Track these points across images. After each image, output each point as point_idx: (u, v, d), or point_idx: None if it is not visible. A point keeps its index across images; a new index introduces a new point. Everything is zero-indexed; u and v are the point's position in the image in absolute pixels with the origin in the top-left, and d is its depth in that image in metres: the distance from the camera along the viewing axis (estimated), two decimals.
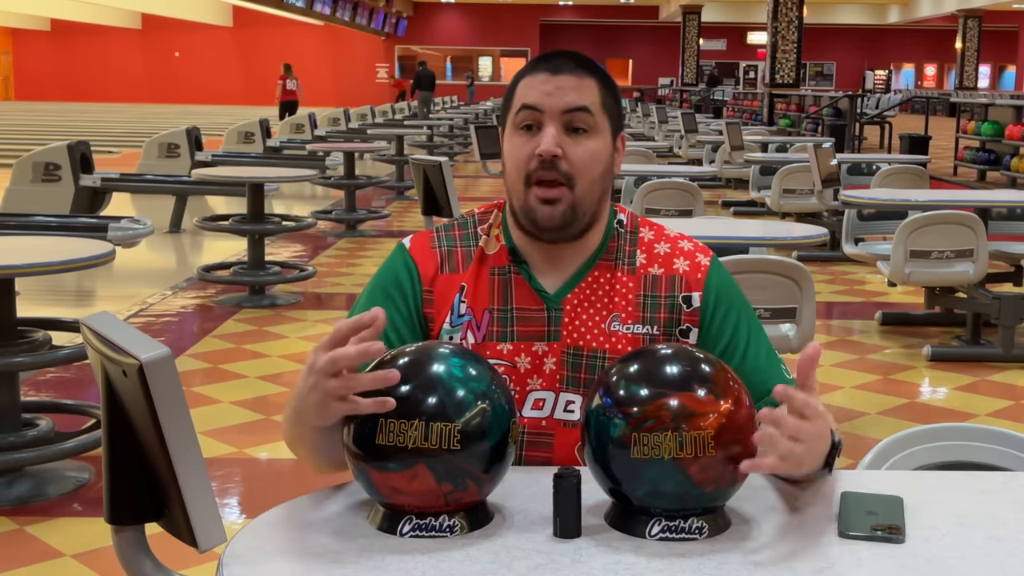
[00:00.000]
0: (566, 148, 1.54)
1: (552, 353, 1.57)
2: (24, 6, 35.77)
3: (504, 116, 1.62)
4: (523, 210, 1.57)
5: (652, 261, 1.61)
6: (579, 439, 1.54)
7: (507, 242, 1.62)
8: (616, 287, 1.60)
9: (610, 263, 1.61)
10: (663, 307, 1.59)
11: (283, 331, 5.78)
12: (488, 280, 1.60)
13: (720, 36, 40.12)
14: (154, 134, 12.53)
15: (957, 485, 1.48)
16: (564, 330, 1.58)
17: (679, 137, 13.23)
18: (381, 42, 40.60)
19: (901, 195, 6.19)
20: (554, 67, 1.56)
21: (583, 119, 1.55)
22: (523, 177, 1.55)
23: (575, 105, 1.55)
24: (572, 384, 1.57)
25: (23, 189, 8.69)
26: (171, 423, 1.20)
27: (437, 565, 1.20)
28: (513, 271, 1.60)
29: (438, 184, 5.60)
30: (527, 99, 1.56)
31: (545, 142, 1.53)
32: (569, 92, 1.55)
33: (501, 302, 1.59)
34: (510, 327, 1.58)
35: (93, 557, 3.06)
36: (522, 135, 1.56)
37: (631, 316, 1.58)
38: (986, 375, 5.11)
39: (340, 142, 13.15)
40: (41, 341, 3.71)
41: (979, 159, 13.88)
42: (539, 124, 1.55)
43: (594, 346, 1.57)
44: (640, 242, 1.63)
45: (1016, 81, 36.41)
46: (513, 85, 1.61)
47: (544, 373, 1.57)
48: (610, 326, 1.58)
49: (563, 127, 1.55)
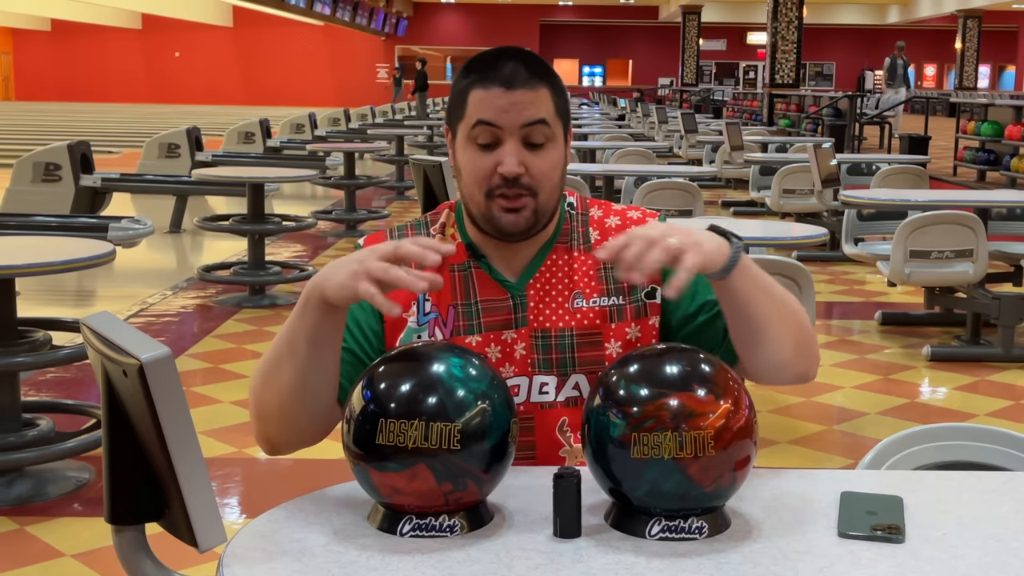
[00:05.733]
0: (527, 163, 1.55)
1: (521, 339, 1.60)
2: (24, 6, 35.78)
3: (454, 122, 1.60)
4: (484, 218, 1.58)
5: (605, 235, 1.65)
6: (557, 419, 1.59)
7: (463, 239, 1.64)
8: (575, 266, 1.63)
9: (566, 245, 1.64)
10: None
11: None
12: (449, 277, 1.61)
13: (720, 36, 40.12)
14: (154, 134, 12.53)
15: (957, 485, 1.48)
16: (530, 315, 1.61)
17: (679, 137, 13.22)
18: (381, 42, 40.61)
19: (901, 195, 6.19)
20: (506, 80, 1.54)
21: (541, 131, 1.56)
22: (484, 190, 1.56)
23: (533, 119, 1.55)
24: (544, 367, 1.60)
25: (23, 189, 8.69)
26: (171, 423, 1.20)
27: (437, 565, 1.20)
28: (473, 265, 1.62)
29: (438, 184, 5.60)
30: (483, 115, 1.55)
31: (508, 163, 1.54)
32: (527, 107, 1.55)
33: (464, 297, 1.61)
34: (476, 319, 1.60)
35: (93, 557, 3.06)
36: (479, 150, 1.56)
37: (595, 290, 1.62)
38: (986, 375, 5.11)
39: (340, 142, 13.15)
40: (41, 341, 3.71)
41: (979, 159, 13.88)
42: (496, 140, 1.55)
43: (560, 326, 1.60)
44: (591, 220, 1.67)
45: (1016, 81, 36.42)
46: (462, 93, 1.58)
47: (515, 360, 1.60)
48: (573, 304, 1.61)
49: (521, 140, 1.55)
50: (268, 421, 1.51)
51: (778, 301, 1.53)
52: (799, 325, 1.55)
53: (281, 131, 15.06)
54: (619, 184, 7.76)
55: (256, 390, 1.51)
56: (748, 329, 1.52)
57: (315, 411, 1.49)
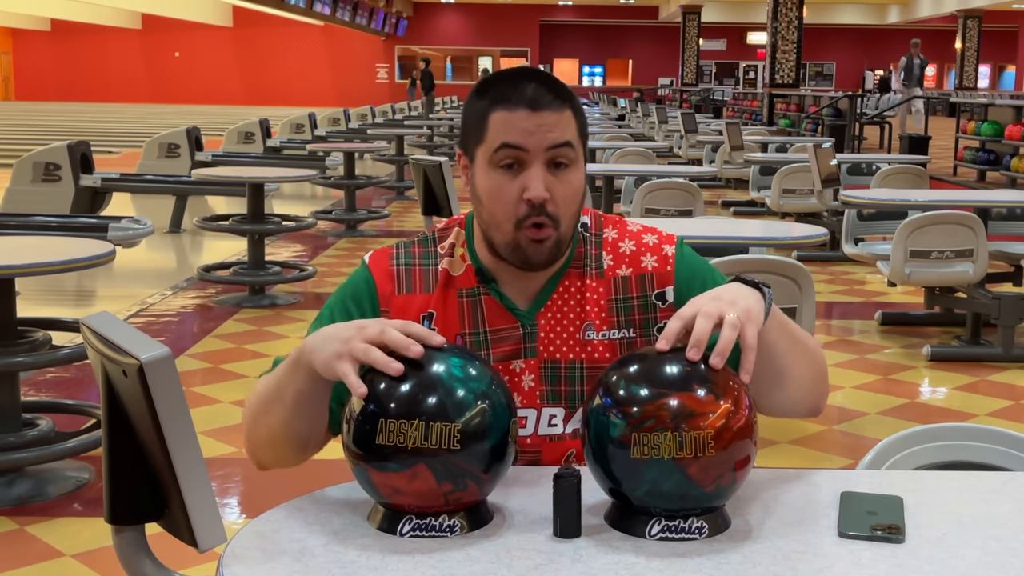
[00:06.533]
0: (552, 189, 1.51)
1: (529, 370, 1.57)
2: (24, 6, 35.77)
3: (472, 146, 1.56)
4: (510, 247, 1.53)
5: (619, 262, 1.60)
6: (566, 451, 1.57)
7: (473, 262, 1.60)
8: (587, 295, 1.59)
9: (579, 270, 1.60)
10: (636, 308, 1.59)
11: (283, 331, 5.78)
12: (457, 304, 1.58)
13: (720, 36, 40.12)
14: (154, 134, 12.53)
15: (957, 485, 1.48)
16: (540, 345, 1.57)
17: (679, 137, 13.22)
18: (381, 42, 40.60)
19: (901, 195, 6.19)
20: (531, 101, 1.51)
21: (566, 154, 1.53)
22: (514, 220, 1.52)
23: (559, 142, 1.52)
24: (552, 399, 1.57)
25: (23, 189, 8.69)
26: (171, 423, 1.20)
27: (437, 565, 1.20)
28: (482, 291, 1.58)
29: (438, 184, 5.60)
30: (508, 138, 1.51)
31: (534, 188, 1.50)
32: (552, 129, 1.51)
33: (472, 326, 1.57)
34: (484, 349, 1.56)
35: (93, 557, 3.06)
36: (503, 173, 1.52)
37: (605, 322, 1.58)
38: (986, 375, 5.11)
39: (340, 142, 13.16)
40: (41, 341, 3.71)
41: (979, 159, 13.88)
42: (521, 163, 1.52)
43: (571, 357, 1.57)
44: (605, 243, 1.62)
45: (1016, 81, 36.40)
46: (482, 115, 1.53)
47: (523, 391, 1.56)
48: (584, 335, 1.57)
49: (546, 163, 1.52)
50: (259, 449, 1.54)
51: (800, 345, 1.53)
52: (816, 364, 1.55)
53: (281, 131, 15.06)
54: (619, 184, 7.76)
55: (248, 423, 1.53)
56: (772, 374, 1.50)
57: (304, 447, 1.51)
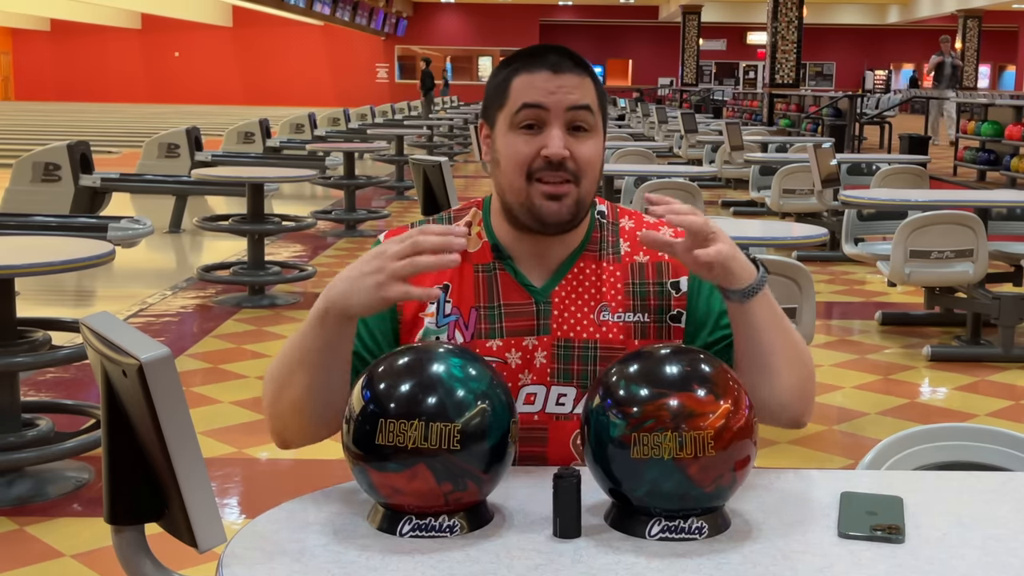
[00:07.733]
0: (571, 148, 1.54)
1: (542, 347, 1.58)
2: (24, 6, 35.75)
3: (493, 112, 1.59)
4: (524, 206, 1.55)
5: (637, 249, 1.63)
6: (572, 432, 1.57)
7: (489, 238, 1.62)
8: (603, 277, 1.60)
9: (595, 254, 1.62)
10: (652, 294, 1.61)
11: (283, 331, 5.77)
12: (472, 278, 1.59)
13: (720, 36, 40.10)
14: (154, 134, 12.52)
15: (957, 485, 1.48)
16: (554, 323, 1.58)
17: (679, 137, 13.22)
18: (381, 42, 40.58)
19: (901, 195, 6.19)
20: (553, 65, 1.55)
21: (585, 118, 1.55)
22: (525, 173, 1.54)
23: (579, 103, 1.55)
24: (564, 377, 1.57)
25: (23, 189, 8.68)
26: (171, 423, 1.20)
27: (437, 565, 1.20)
28: (498, 267, 1.60)
29: (438, 184, 5.60)
30: (529, 98, 1.54)
31: (554, 144, 1.53)
32: (573, 91, 1.54)
33: (487, 299, 1.59)
34: (498, 323, 1.58)
35: (93, 557, 3.06)
36: (523, 134, 1.55)
37: (621, 305, 1.59)
38: (986, 375, 5.11)
39: (340, 142, 13.14)
40: (41, 341, 3.71)
41: (979, 159, 13.87)
42: (541, 123, 1.54)
43: (584, 336, 1.58)
44: (622, 231, 1.65)
45: (1016, 81, 36.40)
46: (504, 82, 1.58)
47: (535, 367, 1.57)
48: (599, 316, 1.59)
49: (566, 125, 1.54)
50: (284, 424, 1.52)
51: (789, 338, 1.53)
52: (803, 365, 1.55)
53: (281, 131, 15.05)
54: (619, 184, 7.76)
55: (270, 398, 1.52)
56: (756, 354, 1.51)
57: (329, 417, 1.49)
